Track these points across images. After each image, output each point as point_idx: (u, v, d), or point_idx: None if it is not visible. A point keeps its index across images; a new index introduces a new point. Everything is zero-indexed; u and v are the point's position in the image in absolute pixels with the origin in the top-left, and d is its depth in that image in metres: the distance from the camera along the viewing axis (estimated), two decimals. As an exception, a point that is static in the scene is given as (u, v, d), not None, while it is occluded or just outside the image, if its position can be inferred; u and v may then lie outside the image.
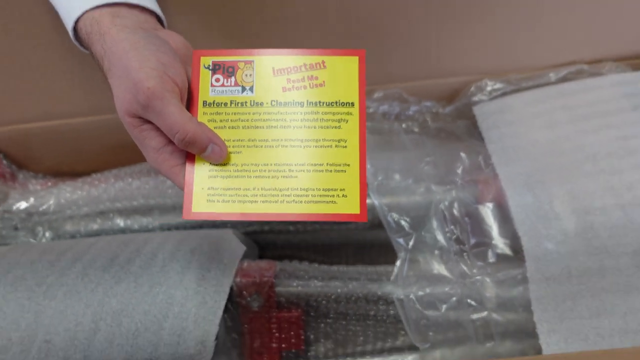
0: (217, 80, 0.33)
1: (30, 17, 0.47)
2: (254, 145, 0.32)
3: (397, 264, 0.44)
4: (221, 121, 0.32)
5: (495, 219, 0.44)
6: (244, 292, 0.44)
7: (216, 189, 0.31)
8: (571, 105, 0.47)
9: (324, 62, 0.33)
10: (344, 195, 0.31)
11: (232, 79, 0.33)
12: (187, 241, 0.44)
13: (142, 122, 0.31)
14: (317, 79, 0.32)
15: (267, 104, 0.32)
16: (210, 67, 0.33)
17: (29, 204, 0.51)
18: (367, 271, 0.45)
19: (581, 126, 0.45)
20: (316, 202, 0.31)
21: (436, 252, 0.44)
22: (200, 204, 0.31)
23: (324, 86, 0.32)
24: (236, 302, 0.44)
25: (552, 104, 0.48)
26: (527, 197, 0.43)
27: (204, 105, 0.32)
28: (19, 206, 0.51)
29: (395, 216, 0.44)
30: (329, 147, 0.32)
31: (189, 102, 0.32)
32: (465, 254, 0.43)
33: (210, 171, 0.32)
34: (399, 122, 0.53)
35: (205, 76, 0.33)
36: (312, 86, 0.32)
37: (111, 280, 0.41)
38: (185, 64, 0.32)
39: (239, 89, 0.32)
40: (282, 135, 0.32)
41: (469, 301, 0.42)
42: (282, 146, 0.32)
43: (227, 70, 0.33)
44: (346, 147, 0.32)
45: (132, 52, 0.30)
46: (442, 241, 0.44)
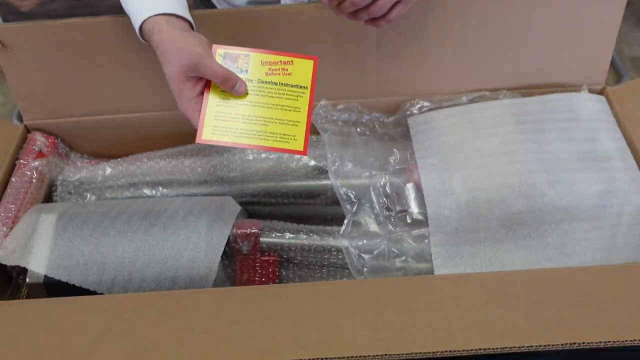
0: (226, 64, 0.52)
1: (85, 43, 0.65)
2: (244, 104, 0.51)
3: (345, 223, 0.62)
4: None
5: (413, 194, 0.62)
6: (238, 240, 0.61)
7: (218, 127, 0.51)
8: (472, 119, 0.66)
9: (292, 61, 0.53)
10: (294, 139, 0.50)
11: (235, 64, 0.52)
12: (199, 203, 0.62)
13: (185, 80, 0.50)
14: (287, 70, 0.52)
15: (255, 80, 0.52)
16: (222, 55, 0.52)
17: (80, 175, 0.69)
18: (325, 229, 0.63)
19: (476, 134, 0.64)
20: (278, 141, 0.50)
21: (372, 216, 0.62)
22: (207, 134, 0.50)
23: (291, 75, 0.52)
24: (231, 247, 0.61)
25: (460, 118, 0.66)
26: (435, 180, 0.61)
27: None
28: (72, 177, 0.69)
29: (345, 190, 0.63)
30: (289, 110, 0.51)
31: None
32: (392, 217, 0.62)
33: (215, 116, 0.51)
34: (355, 127, 0.70)
35: (219, 60, 0.52)
36: (283, 74, 0.52)
37: (147, 225, 0.59)
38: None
39: (238, 70, 0.52)
40: (262, 100, 0.51)
41: (393, 249, 0.60)
42: (261, 106, 0.51)
43: (233, 58, 0.52)
44: (299, 111, 0.51)
45: (184, 39, 0.51)
46: (377, 209, 0.62)
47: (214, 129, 0.51)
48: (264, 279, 0.63)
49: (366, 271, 0.60)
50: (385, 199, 0.63)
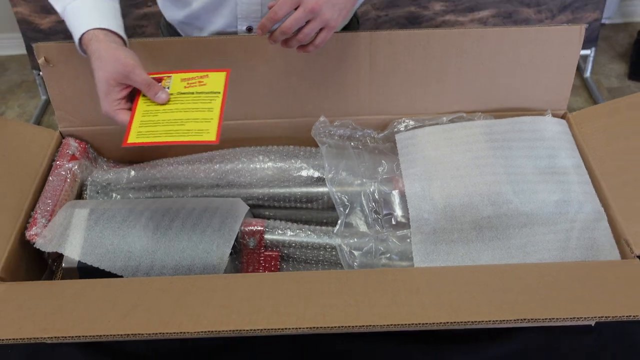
0: None
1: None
2: (165, 111, 0.62)
3: (338, 224, 0.71)
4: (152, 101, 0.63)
5: (398, 200, 0.71)
6: (245, 236, 0.70)
7: (141, 132, 0.60)
8: (451, 137, 0.75)
9: (208, 75, 0.65)
10: (208, 132, 0.59)
11: (160, 83, 0.63)
12: (213, 202, 0.71)
13: (115, 85, 0.61)
14: (203, 82, 0.64)
15: (175, 94, 0.63)
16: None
17: (108, 177, 0.78)
18: (321, 229, 0.71)
19: (453, 149, 0.74)
20: (193, 135, 0.59)
21: (362, 218, 0.72)
22: (132, 139, 0.60)
23: (206, 85, 0.64)
24: (239, 242, 0.70)
25: (440, 135, 0.76)
26: (417, 188, 0.71)
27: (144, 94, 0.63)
28: (100, 178, 0.78)
29: (340, 195, 0.72)
30: (202, 111, 0.61)
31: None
32: (379, 220, 0.71)
33: (140, 124, 0.61)
34: (349, 141, 0.79)
35: None
36: (200, 85, 0.64)
37: (168, 220, 0.68)
38: None
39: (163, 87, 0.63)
40: (180, 107, 0.62)
41: (380, 247, 0.69)
42: (179, 111, 0.61)
43: (158, 79, 0.64)
44: (212, 111, 0.61)
45: (118, 50, 0.62)
46: (366, 212, 0.72)
47: (138, 134, 0.60)
48: (267, 272, 0.71)
49: (356, 265, 0.69)
50: (374, 204, 0.72)
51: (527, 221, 0.67)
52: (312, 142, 0.78)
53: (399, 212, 0.70)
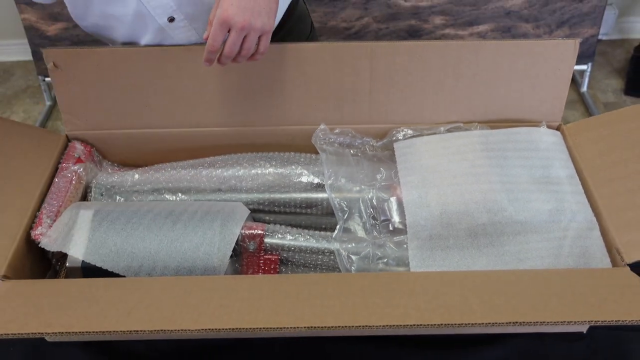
0: None
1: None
2: None
3: (337, 229, 0.73)
4: None
5: (395, 206, 0.73)
6: (245, 239, 0.71)
7: None
8: (448, 146, 0.77)
9: None
10: None
11: None
12: (215, 206, 0.72)
13: None
14: None
15: None
16: None
17: (112, 180, 0.79)
18: (320, 234, 0.72)
19: (450, 158, 0.75)
20: None
21: (360, 223, 0.73)
22: None
23: None
24: (240, 245, 0.71)
25: (437, 144, 0.78)
26: (414, 195, 0.72)
27: None
28: (105, 181, 0.79)
29: (339, 201, 0.74)
30: None
31: None
32: (377, 225, 0.73)
33: None
34: (349, 149, 0.80)
35: None
36: None
37: (170, 223, 0.69)
38: None
39: None
40: None
41: (377, 253, 0.70)
42: None
43: None
44: None
45: None
46: (364, 217, 0.73)
47: None
48: (266, 275, 0.73)
49: (354, 270, 0.70)
50: (372, 210, 0.74)
51: (521, 229, 0.68)
52: (312, 149, 0.80)
53: (396, 218, 0.72)
